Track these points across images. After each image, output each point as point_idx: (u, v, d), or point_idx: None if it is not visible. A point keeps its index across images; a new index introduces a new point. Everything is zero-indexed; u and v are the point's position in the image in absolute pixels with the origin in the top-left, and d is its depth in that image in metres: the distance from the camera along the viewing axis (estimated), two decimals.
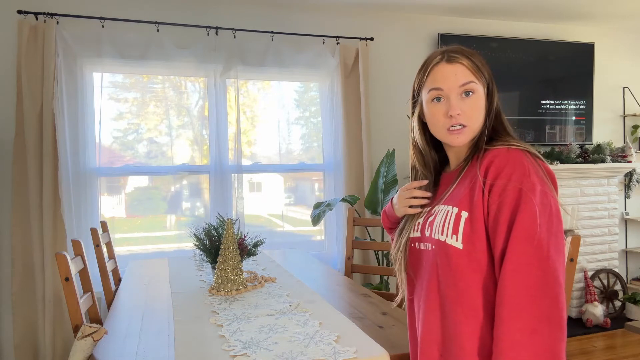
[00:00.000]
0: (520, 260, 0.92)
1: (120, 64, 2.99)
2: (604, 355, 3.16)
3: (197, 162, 3.25)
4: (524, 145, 1.02)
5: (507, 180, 0.96)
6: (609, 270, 3.90)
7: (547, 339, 0.89)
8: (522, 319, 0.90)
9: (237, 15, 3.25)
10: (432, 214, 1.09)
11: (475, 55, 1.07)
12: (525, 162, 0.98)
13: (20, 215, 2.75)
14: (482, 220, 0.98)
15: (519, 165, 0.97)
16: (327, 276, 2.33)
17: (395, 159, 3.21)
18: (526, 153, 1.01)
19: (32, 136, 2.74)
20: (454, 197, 1.05)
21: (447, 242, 1.02)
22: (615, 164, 3.78)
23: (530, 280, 0.91)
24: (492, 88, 1.08)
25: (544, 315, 0.89)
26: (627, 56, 4.22)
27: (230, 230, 2.00)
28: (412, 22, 3.64)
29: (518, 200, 0.95)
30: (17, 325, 2.74)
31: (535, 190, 0.95)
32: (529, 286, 0.90)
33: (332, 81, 3.43)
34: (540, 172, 0.99)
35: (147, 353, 1.37)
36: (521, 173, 0.96)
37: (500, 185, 0.97)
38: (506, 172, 0.97)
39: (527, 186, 0.95)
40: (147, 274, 2.39)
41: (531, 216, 0.93)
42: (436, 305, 1.06)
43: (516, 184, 0.96)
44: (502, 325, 0.92)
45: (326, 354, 1.30)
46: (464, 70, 1.04)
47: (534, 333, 0.89)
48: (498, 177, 0.97)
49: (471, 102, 1.04)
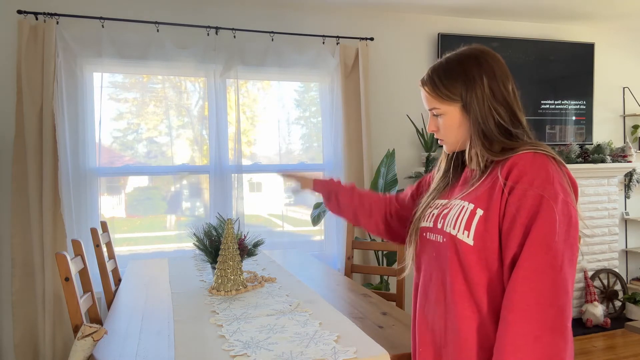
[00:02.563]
0: (534, 267, 0.92)
1: (120, 64, 2.99)
2: (604, 355, 3.16)
3: (197, 162, 3.25)
4: (549, 151, 1.01)
5: (528, 185, 0.95)
6: (609, 270, 3.90)
7: (549, 347, 0.89)
8: (528, 325, 0.90)
9: (237, 15, 3.25)
10: (448, 207, 1.09)
11: (442, 74, 1.08)
12: (549, 169, 0.97)
13: (20, 215, 2.75)
14: (497, 220, 0.98)
15: (543, 172, 0.96)
16: (327, 276, 2.33)
17: (395, 159, 3.21)
18: (551, 159, 0.99)
19: (32, 136, 2.74)
20: (471, 194, 1.05)
21: (457, 237, 1.02)
22: (615, 164, 3.78)
23: (540, 288, 0.91)
24: (469, 101, 1.05)
25: (549, 324, 0.89)
26: (627, 56, 4.22)
27: (230, 230, 2.00)
28: (412, 22, 3.64)
29: (538, 207, 0.94)
30: (17, 325, 2.74)
31: (558, 199, 0.94)
32: (538, 294, 0.91)
33: (332, 81, 3.43)
34: (564, 181, 0.98)
35: (147, 353, 1.37)
36: (544, 179, 0.95)
37: (522, 189, 0.96)
38: (529, 176, 0.96)
39: (549, 194, 0.94)
40: (147, 274, 2.39)
41: (550, 224, 0.93)
42: (441, 297, 1.07)
43: (538, 190, 0.95)
44: (506, 328, 0.92)
45: (326, 354, 1.30)
46: (426, 96, 1.11)
47: (537, 340, 0.89)
48: (520, 181, 0.97)
49: (442, 121, 1.11)
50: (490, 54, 1.08)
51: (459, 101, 1.06)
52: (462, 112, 1.07)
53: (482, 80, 1.04)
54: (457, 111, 1.07)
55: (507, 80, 1.07)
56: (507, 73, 1.08)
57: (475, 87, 1.04)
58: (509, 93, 1.06)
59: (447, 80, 1.07)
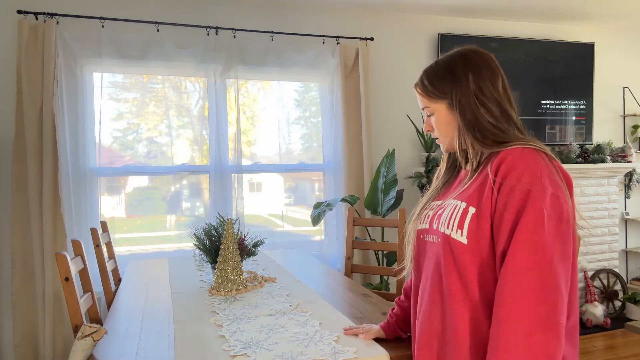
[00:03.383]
0: (521, 263, 0.91)
1: (120, 64, 2.99)
2: (604, 355, 3.16)
3: (197, 162, 3.25)
4: (540, 146, 1.01)
5: (516, 180, 0.95)
6: (609, 270, 3.90)
7: (541, 345, 0.88)
8: (518, 322, 0.90)
9: (237, 15, 3.25)
10: (442, 208, 1.10)
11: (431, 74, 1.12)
12: (538, 163, 0.96)
13: (20, 215, 2.75)
14: (489, 217, 0.99)
15: (532, 166, 0.96)
16: (327, 276, 2.33)
17: (395, 159, 3.21)
18: (541, 154, 0.99)
19: (32, 136, 2.74)
20: (464, 193, 1.06)
21: (451, 236, 1.02)
22: (615, 164, 3.78)
23: (529, 285, 0.90)
24: (455, 97, 1.07)
25: (541, 321, 0.89)
26: (627, 56, 4.22)
27: (230, 230, 2.00)
28: (412, 22, 3.64)
29: (525, 202, 0.93)
30: (17, 325, 2.74)
31: (545, 193, 0.93)
32: (527, 291, 0.90)
33: (332, 81, 3.43)
34: (555, 175, 0.97)
35: (147, 353, 1.37)
36: (533, 174, 0.95)
37: (509, 184, 0.96)
38: (518, 171, 0.96)
39: (537, 188, 0.94)
40: (147, 274, 2.39)
41: (537, 219, 0.92)
42: (437, 297, 1.07)
43: (525, 184, 0.94)
44: (498, 325, 0.92)
45: (326, 354, 1.30)
46: (419, 96, 1.17)
47: (528, 336, 0.89)
48: (508, 176, 0.96)
49: (434, 120, 1.15)
50: (478, 52, 1.10)
51: (446, 98, 1.10)
52: (450, 108, 1.10)
53: (468, 77, 1.07)
54: (445, 108, 1.11)
55: (495, 77, 1.08)
56: (495, 70, 1.09)
57: (461, 84, 1.07)
58: (497, 89, 1.07)
59: (435, 79, 1.11)
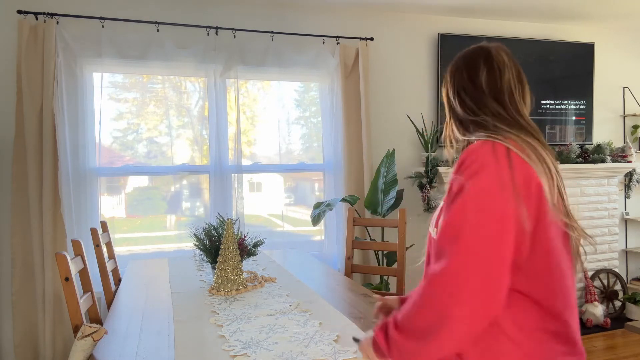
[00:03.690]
0: (436, 259, 0.91)
1: (120, 64, 2.99)
2: (604, 355, 3.16)
3: (197, 162, 3.25)
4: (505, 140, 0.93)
5: (459, 174, 0.92)
6: (609, 270, 3.90)
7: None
8: (410, 324, 0.90)
9: (237, 15, 3.25)
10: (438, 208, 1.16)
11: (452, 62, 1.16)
12: (486, 158, 0.90)
13: (20, 215, 2.75)
14: None
15: (479, 160, 0.90)
16: (327, 276, 2.33)
17: (395, 159, 3.21)
18: (503, 149, 0.92)
19: (32, 136, 2.74)
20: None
21: (431, 233, 1.07)
22: (615, 164, 3.78)
23: (424, 290, 0.89)
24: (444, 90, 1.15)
25: (426, 329, 0.87)
26: (627, 56, 4.22)
27: (230, 230, 2.00)
28: (412, 22, 3.64)
29: (456, 196, 0.91)
30: (17, 325, 2.74)
31: (477, 187, 0.88)
32: (419, 294, 0.90)
33: (332, 81, 3.43)
34: (503, 173, 0.88)
35: (147, 353, 1.37)
36: (475, 169, 0.90)
37: (453, 178, 0.94)
38: (464, 165, 0.92)
39: (472, 182, 0.88)
40: (147, 274, 2.39)
41: (459, 212, 0.88)
42: None
43: (464, 178, 0.90)
44: (407, 304, 0.93)
45: (326, 354, 1.30)
46: None
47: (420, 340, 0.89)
48: (457, 170, 0.94)
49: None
50: (469, 49, 1.14)
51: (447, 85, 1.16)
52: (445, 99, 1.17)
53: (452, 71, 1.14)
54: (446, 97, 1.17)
55: (474, 71, 1.08)
56: (475, 65, 1.09)
57: (447, 77, 1.14)
58: (475, 83, 1.07)
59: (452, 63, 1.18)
